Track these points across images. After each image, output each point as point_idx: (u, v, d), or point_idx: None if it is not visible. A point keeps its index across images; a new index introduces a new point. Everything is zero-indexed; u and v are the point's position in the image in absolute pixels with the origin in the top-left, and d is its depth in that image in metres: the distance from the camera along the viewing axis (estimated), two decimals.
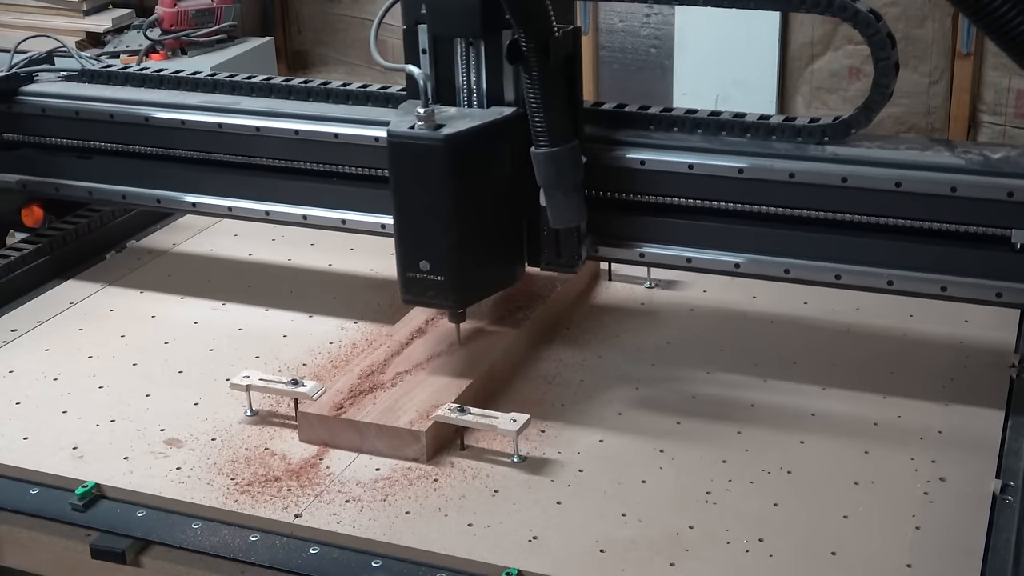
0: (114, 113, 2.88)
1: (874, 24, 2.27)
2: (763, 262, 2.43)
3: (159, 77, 2.96)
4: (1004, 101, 4.91)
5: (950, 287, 2.32)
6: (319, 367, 2.56)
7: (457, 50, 2.37)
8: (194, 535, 2.07)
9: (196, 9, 5.09)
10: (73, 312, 2.84)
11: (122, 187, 2.93)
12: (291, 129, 2.70)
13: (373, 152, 2.59)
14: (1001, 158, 2.29)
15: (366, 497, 2.13)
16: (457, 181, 2.29)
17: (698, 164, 2.40)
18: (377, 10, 2.54)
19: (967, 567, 1.91)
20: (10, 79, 2.99)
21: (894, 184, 2.28)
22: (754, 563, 1.95)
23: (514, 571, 1.93)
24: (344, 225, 2.73)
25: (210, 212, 2.92)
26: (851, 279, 2.38)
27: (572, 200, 2.32)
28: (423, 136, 2.26)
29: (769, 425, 2.31)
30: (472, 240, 2.34)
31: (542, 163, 2.27)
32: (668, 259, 2.50)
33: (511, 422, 2.20)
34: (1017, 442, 2.20)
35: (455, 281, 2.34)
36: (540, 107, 2.23)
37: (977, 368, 2.47)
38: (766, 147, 2.39)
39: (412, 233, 2.34)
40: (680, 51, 5.23)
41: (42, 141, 2.99)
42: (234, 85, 2.87)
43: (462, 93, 2.39)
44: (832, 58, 5.07)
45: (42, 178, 3.01)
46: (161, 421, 2.38)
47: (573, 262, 2.47)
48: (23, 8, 5.34)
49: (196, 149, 2.82)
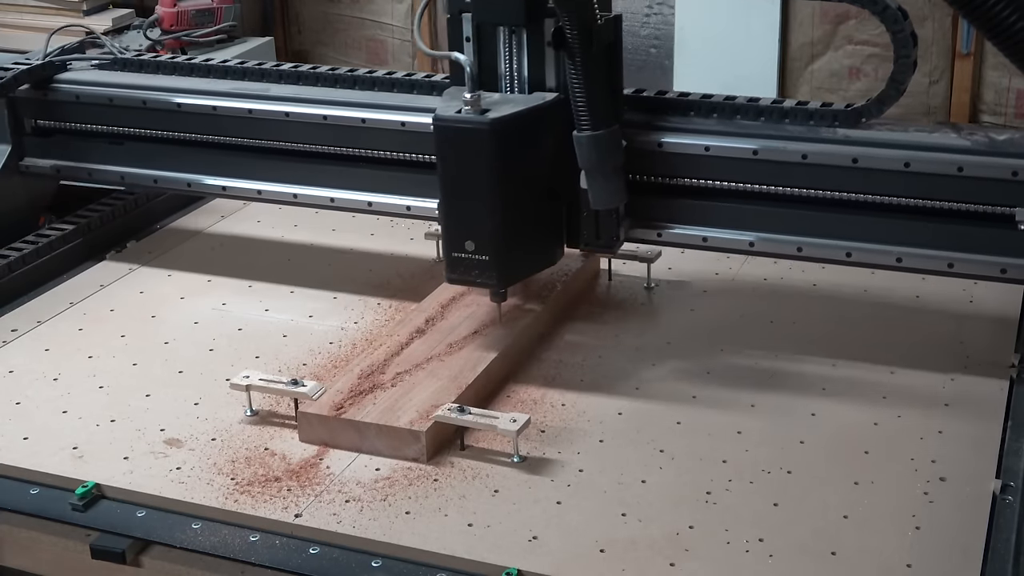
0: (147, 100, 2.98)
1: (901, 21, 2.37)
2: (776, 240, 2.53)
3: (190, 65, 3.05)
4: (1004, 101, 4.91)
5: (956, 263, 2.42)
6: (319, 367, 2.56)
7: (500, 37, 2.45)
8: (194, 535, 2.07)
9: (196, 9, 5.08)
10: (73, 312, 2.84)
11: (154, 171, 3.03)
12: (319, 115, 2.80)
13: (399, 136, 2.72)
14: (1006, 140, 2.38)
15: (366, 497, 2.13)
16: (502, 164, 2.37)
17: (714, 146, 2.50)
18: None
19: (967, 567, 1.91)
20: (45, 67, 3.09)
21: (903, 164, 2.38)
22: (754, 563, 1.95)
23: (514, 571, 1.93)
24: (370, 207, 2.83)
25: (240, 196, 3.03)
26: (861, 256, 2.48)
27: (613, 182, 2.41)
28: (470, 120, 2.35)
29: (769, 425, 2.31)
30: (515, 221, 2.42)
31: (584, 146, 2.36)
32: (684, 238, 2.60)
33: (511, 422, 2.20)
34: (1017, 442, 2.20)
35: (499, 261, 2.42)
36: (583, 92, 2.32)
37: (977, 368, 2.47)
38: (779, 130, 2.50)
39: (457, 215, 2.42)
40: (680, 51, 5.22)
41: (75, 127, 3.10)
42: (263, 72, 2.96)
43: (504, 80, 2.47)
44: (832, 58, 5.07)
45: (75, 163, 3.11)
46: (161, 421, 2.38)
47: (612, 243, 2.56)
48: (23, 8, 5.34)
49: (227, 135, 2.92)
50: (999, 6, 2.06)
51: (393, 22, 5.70)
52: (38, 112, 3.11)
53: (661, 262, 2.87)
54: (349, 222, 3.27)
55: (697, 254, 2.99)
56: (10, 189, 3.12)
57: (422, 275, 2.94)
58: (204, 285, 2.95)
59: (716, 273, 2.91)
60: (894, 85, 2.42)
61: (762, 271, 2.91)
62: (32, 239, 3.03)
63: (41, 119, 3.12)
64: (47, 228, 3.10)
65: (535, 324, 2.62)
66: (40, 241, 3.01)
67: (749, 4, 5.01)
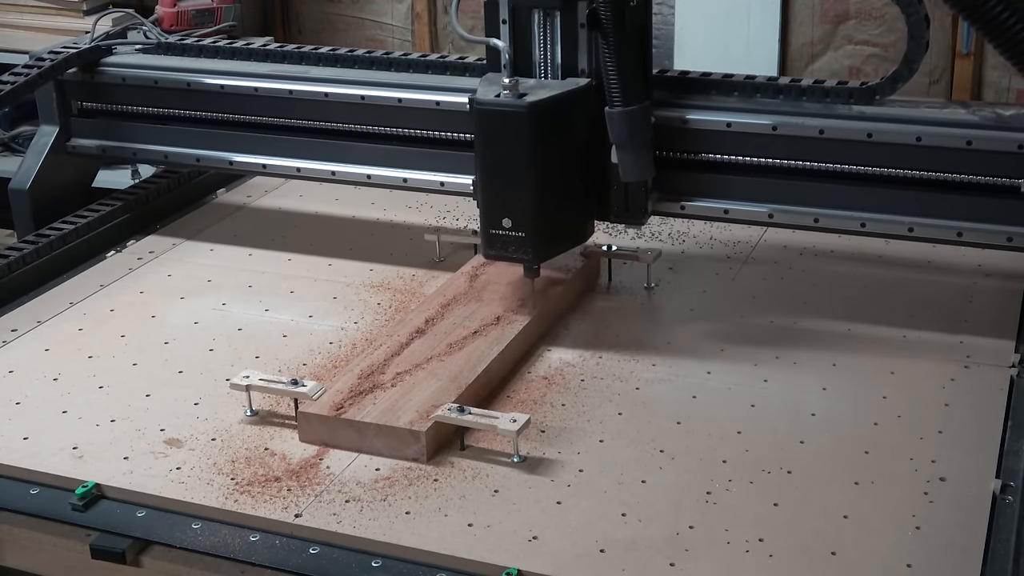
0: (191, 82, 3.08)
1: (915, 4, 2.49)
2: (794, 212, 2.64)
3: (231, 49, 3.16)
4: (1004, 101, 4.91)
5: (965, 233, 2.53)
6: (319, 367, 2.56)
7: (535, 20, 2.55)
8: (194, 535, 2.07)
9: (196, 9, 5.08)
10: (73, 312, 2.84)
11: (197, 151, 3.14)
12: (357, 95, 2.92)
13: (434, 115, 2.84)
14: (1012, 115, 2.49)
15: (366, 497, 2.13)
16: (539, 145, 2.47)
17: (735, 122, 2.62)
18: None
19: (967, 567, 1.91)
20: (92, 51, 3.19)
21: (915, 139, 2.50)
22: (754, 563, 1.95)
23: (514, 571, 1.93)
24: (405, 184, 2.94)
25: (280, 173, 3.14)
26: (875, 227, 2.59)
27: (642, 156, 2.52)
28: (509, 104, 2.46)
29: (769, 425, 2.31)
30: (550, 200, 2.53)
31: (616, 121, 2.47)
32: (707, 211, 2.71)
33: (511, 422, 2.20)
34: (1017, 442, 2.20)
35: (535, 237, 2.52)
36: (615, 70, 2.43)
37: (977, 368, 2.47)
38: (797, 107, 2.62)
39: (495, 193, 2.53)
40: (680, 51, 5.21)
41: (120, 109, 3.20)
42: (302, 55, 3.07)
43: (539, 66, 2.58)
44: (832, 58, 5.07)
45: (120, 143, 3.21)
46: (161, 421, 2.38)
47: (640, 215, 2.67)
48: (23, 8, 5.33)
49: (268, 115, 3.02)
50: (997, 7, 2.06)
51: (393, 22, 5.70)
52: (85, 94, 3.22)
53: (661, 262, 2.88)
54: (349, 222, 3.28)
55: (697, 255, 3.00)
56: (58, 168, 3.23)
57: (422, 275, 2.94)
58: (204, 285, 2.95)
59: (716, 273, 2.91)
60: (907, 65, 2.53)
61: (762, 271, 2.91)
62: (32, 239, 3.03)
63: (88, 101, 3.23)
64: (47, 228, 3.10)
65: (535, 324, 2.62)
66: (40, 241, 3.01)
67: (749, 4, 5.01)
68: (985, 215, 2.50)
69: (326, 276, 2.97)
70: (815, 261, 2.95)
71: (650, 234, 3.08)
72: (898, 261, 2.91)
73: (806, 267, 2.92)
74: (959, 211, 2.51)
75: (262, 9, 5.95)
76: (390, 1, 5.69)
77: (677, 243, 3.06)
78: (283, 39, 5.96)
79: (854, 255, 2.95)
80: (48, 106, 3.23)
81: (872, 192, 2.56)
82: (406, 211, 3.28)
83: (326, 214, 3.33)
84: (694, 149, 2.66)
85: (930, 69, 4.89)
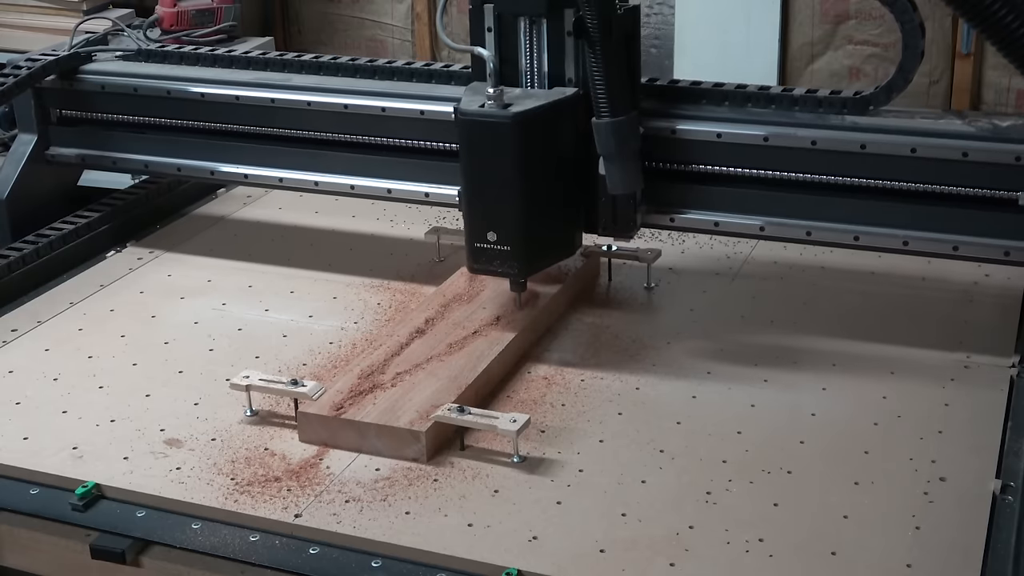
0: (171, 90, 3.03)
1: (910, 13, 2.44)
2: (786, 225, 2.59)
3: (212, 56, 3.12)
4: (1004, 101, 4.90)
5: (961, 247, 2.48)
6: (319, 367, 2.56)
7: (521, 28, 2.50)
8: (194, 535, 2.07)
9: (196, 9, 5.08)
10: (73, 312, 2.84)
11: (177, 160, 3.08)
12: (340, 104, 2.87)
13: (418, 124, 2.79)
14: (1009, 126, 2.44)
15: (366, 497, 2.13)
16: (524, 157, 2.43)
17: (726, 133, 2.57)
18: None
19: (967, 567, 1.91)
20: (71, 58, 3.14)
21: (909, 150, 2.45)
22: (754, 563, 1.95)
23: (514, 571, 1.93)
24: (390, 194, 2.90)
25: (262, 183, 3.09)
26: (869, 240, 2.54)
27: (630, 168, 2.47)
28: (494, 114, 2.41)
29: (769, 425, 2.31)
30: (536, 213, 2.49)
31: (603, 132, 2.42)
32: (697, 223, 2.66)
33: (511, 422, 2.20)
34: (1017, 442, 2.20)
35: (520, 251, 2.48)
36: (602, 80, 2.38)
37: (977, 368, 2.47)
38: (789, 117, 2.57)
39: (481, 206, 2.49)
40: (680, 51, 5.21)
41: (100, 117, 3.16)
42: (285, 63, 3.03)
43: (525, 75, 2.53)
44: (832, 58, 5.07)
45: (100, 152, 3.16)
46: (161, 421, 2.38)
47: (629, 228, 2.62)
48: (23, 8, 5.33)
49: (249, 124, 2.97)
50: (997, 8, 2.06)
51: (393, 22, 5.70)
52: (64, 102, 3.18)
53: (661, 262, 2.87)
54: (349, 222, 3.27)
55: (697, 255, 3.00)
56: (37, 177, 3.19)
57: (422, 276, 2.94)
58: (204, 285, 2.95)
59: (716, 273, 2.91)
60: (902, 74, 2.49)
61: (762, 272, 2.91)
62: (32, 239, 3.03)
63: (67, 109, 3.19)
64: (46, 229, 3.09)
65: (535, 324, 2.62)
66: (40, 241, 3.01)
67: (749, 4, 5.01)
68: (982, 229, 2.45)
69: (326, 276, 2.97)
70: (815, 261, 2.95)
71: (650, 234, 3.08)
72: (898, 261, 2.90)
73: (806, 267, 2.92)
74: (955, 224, 2.47)
75: (262, 9, 5.94)
76: (390, 1, 5.69)
77: (677, 243, 3.06)
78: (283, 39, 5.96)
79: (854, 255, 2.94)
80: (26, 114, 3.18)
81: (866, 204, 2.51)
82: (406, 211, 3.28)
83: (326, 214, 3.33)
84: (684, 160, 2.61)
85: (930, 69, 4.89)
